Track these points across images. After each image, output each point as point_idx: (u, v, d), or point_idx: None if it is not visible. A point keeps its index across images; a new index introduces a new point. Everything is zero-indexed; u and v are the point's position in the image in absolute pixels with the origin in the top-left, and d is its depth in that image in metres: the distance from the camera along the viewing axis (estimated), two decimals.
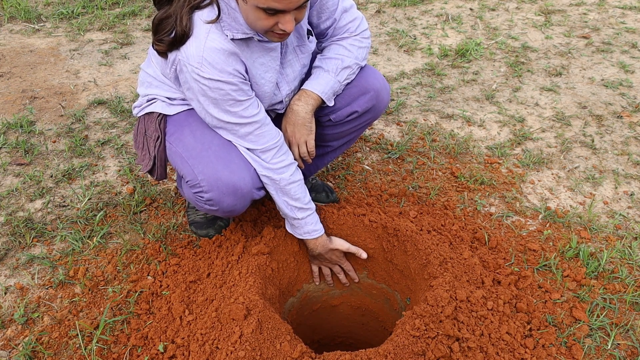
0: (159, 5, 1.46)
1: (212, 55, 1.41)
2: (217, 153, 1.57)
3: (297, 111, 1.65)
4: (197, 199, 1.62)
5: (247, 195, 1.60)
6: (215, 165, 1.55)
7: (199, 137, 1.60)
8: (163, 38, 1.42)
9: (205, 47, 1.40)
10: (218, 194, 1.57)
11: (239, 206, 1.62)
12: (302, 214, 1.67)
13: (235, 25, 1.43)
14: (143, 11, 3.99)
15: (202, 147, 1.58)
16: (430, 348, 1.43)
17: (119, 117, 2.74)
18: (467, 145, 2.55)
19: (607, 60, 3.37)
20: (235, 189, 1.57)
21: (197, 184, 1.58)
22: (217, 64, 1.42)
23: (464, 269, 1.71)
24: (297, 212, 1.67)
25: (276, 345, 1.44)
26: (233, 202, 1.59)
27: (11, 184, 2.27)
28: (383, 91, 1.77)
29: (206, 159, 1.56)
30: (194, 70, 1.42)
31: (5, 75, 3.13)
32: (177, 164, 1.64)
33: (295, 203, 1.65)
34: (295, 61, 1.65)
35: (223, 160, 1.56)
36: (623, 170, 2.40)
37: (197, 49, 1.40)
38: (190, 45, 1.41)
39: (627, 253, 1.95)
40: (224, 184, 1.55)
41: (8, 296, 1.77)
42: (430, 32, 3.76)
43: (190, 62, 1.42)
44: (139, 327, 1.65)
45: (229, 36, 1.43)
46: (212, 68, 1.42)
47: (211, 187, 1.56)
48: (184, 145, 1.61)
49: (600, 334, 1.66)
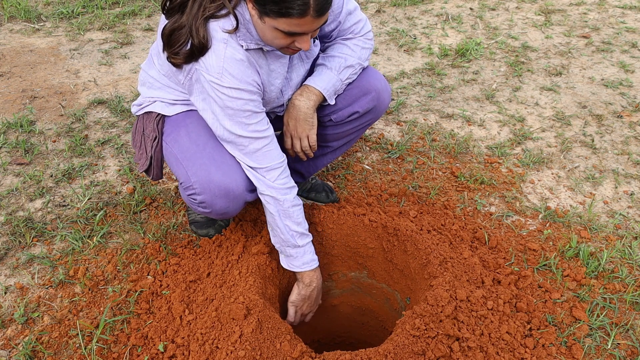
0: (169, 14, 1.43)
1: (232, 65, 1.40)
2: (211, 155, 1.56)
3: (299, 106, 1.65)
4: (190, 201, 1.62)
5: (240, 198, 1.59)
6: (208, 167, 1.55)
7: (194, 139, 1.59)
8: (178, 50, 1.40)
9: (226, 57, 1.39)
10: (210, 197, 1.56)
11: (232, 208, 1.62)
12: (303, 241, 1.62)
13: (249, 36, 1.43)
14: (143, 11, 3.98)
15: (196, 148, 1.57)
16: (430, 348, 1.43)
17: (119, 116, 2.74)
18: (467, 145, 2.55)
19: (607, 59, 3.36)
20: (227, 192, 1.56)
21: (190, 185, 1.58)
22: (238, 74, 1.41)
23: (464, 269, 1.71)
24: (297, 239, 1.60)
25: (276, 344, 1.44)
26: (225, 204, 1.59)
27: (11, 184, 2.27)
28: (384, 92, 1.77)
29: (199, 160, 1.56)
30: (214, 80, 1.41)
31: (5, 75, 3.13)
32: (172, 165, 1.64)
33: (297, 228, 1.60)
34: (300, 66, 1.65)
35: (216, 162, 1.56)
36: (623, 170, 2.40)
37: (217, 59, 1.39)
38: (210, 56, 1.39)
39: (627, 253, 1.95)
40: (216, 186, 1.55)
41: (8, 296, 1.77)
42: (430, 31, 3.76)
43: (210, 72, 1.40)
44: (139, 326, 1.65)
45: (244, 47, 1.42)
46: (233, 78, 1.41)
47: (203, 190, 1.56)
48: (179, 146, 1.61)
49: (600, 333, 1.66)
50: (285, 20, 1.30)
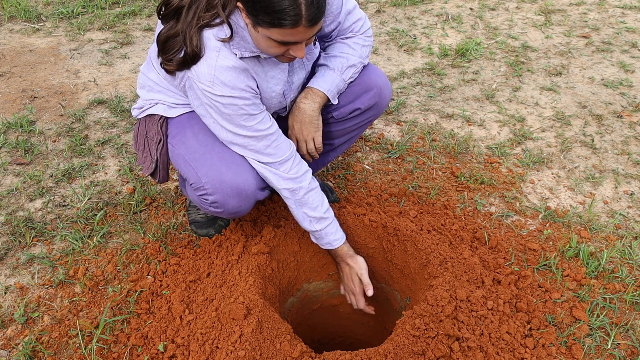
0: (165, 20, 1.43)
1: (223, 73, 1.40)
2: (220, 155, 1.56)
3: (304, 109, 1.65)
4: (202, 201, 1.62)
5: (252, 196, 1.60)
6: (218, 167, 1.55)
7: (201, 139, 1.59)
8: (172, 57, 1.41)
9: (217, 65, 1.39)
10: (222, 196, 1.57)
11: (244, 207, 1.62)
12: (321, 225, 1.65)
13: (244, 44, 1.42)
14: (143, 11, 3.99)
15: (204, 149, 1.57)
16: (430, 348, 1.43)
17: (119, 116, 2.74)
18: (467, 145, 2.55)
19: (607, 59, 3.36)
20: (239, 191, 1.56)
21: (201, 186, 1.57)
22: (229, 81, 1.41)
23: (464, 269, 1.71)
24: (315, 224, 1.64)
25: (276, 344, 1.44)
26: (238, 203, 1.59)
27: (11, 184, 2.27)
28: (385, 88, 1.78)
29: (209, 161, 1.56)
30: (205, 88, 1.41)
31: (5, 75, 3.13)
32: (181, 167, 1.63)
33: (314, 213, 1.62)
34: (301, 69, 1.65)
35: (226, 162, 1.56)
36: (623, 170, 2.40)
37: (208, 67, 1.39)
38: (201, 64, 1.40)
39: (627, 252, 1.95)
40: (228, 186, 1.55)
41: (8, 296, 1.77)
42: (430, 31, 3.76)
43: (201, 81, 1.41)
44: (139, 326, 1.65)
45: (238, 55, 1.42)
46: (224, 86, 1.41)
47: (215, 190, 1.56)
48: (186, 147, 1.61)
49: (600, 333, 1.66)
50: (278, 30, 1.29)
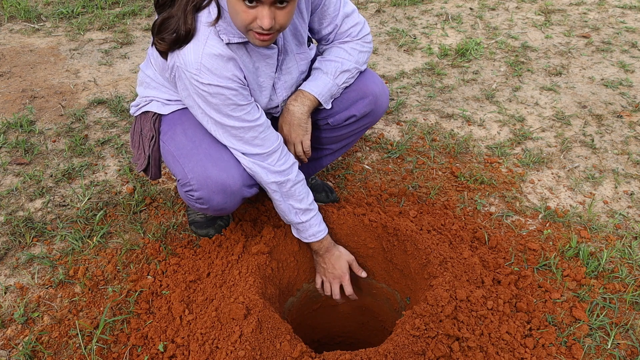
0: (160, 9, 1.45)
1: (210, 61, 1.41)
2: (207, 151, 1.57)
3: (292, 111, 1.65)
4: (188, 197, 1.62)
5: (237, 193, 1.60)
6: (204, 163, 1.56)
7: (190, 136, 1.60)
8: (165, 37, 1.42)
9: (204, 53, 1.40)
10: (207, 192, 1.57)
11: (230, 204, 1.62)
12: (306, 217, 1.67)
13: (231, 29, 1.42)
14: (143, 11, 3.99)
15: (192, 145, 1.58)
16: (430, 347, 1.43)
17: (118, 116, 2.74)
18: (467, 145, 2.55)
19: (607, 59, 3.36)
20: (224, 187, 1.57)
21: (187, 182, 1.58)
22: (216, 69, 1.42)
23: (464, 269, 1.71)
24: (301, 216, 1.67)
25: (276, 344, 1.44)
26: (223, 200, 1.59)
27: (11, 184, 2.27)
28: (382, 96, 1.77)
29: (196, 157, 1.57)
30: (193, 76, 1.42)
31: (5, 75, 3.13)
32: (169, 163, 1.65)
33: (300, 205, 1.64)
34: (294, 68, 1.65)
35: (212, 158, 1.56)
36: (623, 170, 2.40)
37: (195, 55, 1.40)
38: (188, 52, 1.40)
39: (627, 252, 1.95)
40: (213, 182, 1.55)
41: (8, 296, 1.77)
42: (430, 31, 3.76)
43: (188, 69, 1.41)
44: (139, 326, 1.65)
45: (225, 40, 1.42)
46: (211, 74, 1.41)
47: (200, 186, 1.56)
48: (175, 143, 1.62)
49: (600, 333, 1.66)
50: None
